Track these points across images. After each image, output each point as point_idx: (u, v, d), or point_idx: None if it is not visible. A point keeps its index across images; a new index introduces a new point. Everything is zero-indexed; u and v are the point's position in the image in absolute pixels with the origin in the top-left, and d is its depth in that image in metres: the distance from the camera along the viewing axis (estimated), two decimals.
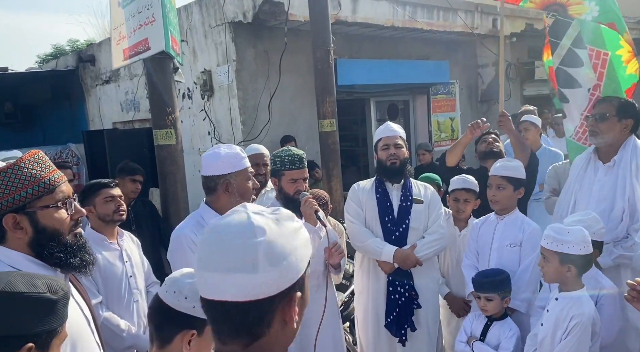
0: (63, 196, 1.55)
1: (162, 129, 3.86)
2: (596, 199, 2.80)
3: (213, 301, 0.92)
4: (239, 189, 2.31)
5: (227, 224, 0.93)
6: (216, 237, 0.93)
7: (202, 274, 0.93)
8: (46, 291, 1.18)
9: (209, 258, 0.92)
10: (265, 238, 0.91)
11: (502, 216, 2.95)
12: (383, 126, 3.20)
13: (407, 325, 2.93)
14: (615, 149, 2.81)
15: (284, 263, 0.91)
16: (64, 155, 9.00)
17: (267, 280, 0.89)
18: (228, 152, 2.33)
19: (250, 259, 0.89)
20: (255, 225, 0.92)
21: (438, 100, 8.16)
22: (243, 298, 0.89)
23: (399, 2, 6.52)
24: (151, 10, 3.59)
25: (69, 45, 18.52)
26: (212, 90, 6.29)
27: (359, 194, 3.13)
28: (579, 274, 2.32)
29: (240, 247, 0.90)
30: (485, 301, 2.69)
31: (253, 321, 0.91)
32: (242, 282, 0.89)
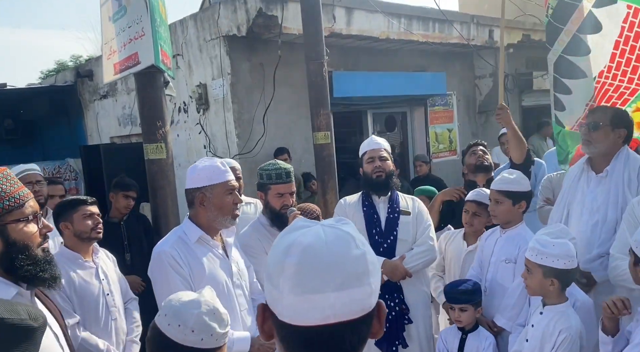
0: (32, 211, 1.58)
1: (152, 143, 3.83)
2: (589, 211, 2.75)
3: (319, 327, 0.82)
4: (216, 203, 2.24)
5: (323, 241, 0.85)
6: (321, 256, 0.83)
7: (308, 299, 0.82)
8: (27, 318, 1.15)
9: (314, 279, 0.82)
10: (367, 247, 0.88)
11: (505, 229, 2.88)
12: (368, 140, 3.18)
13: (399, 342, 2.86)
14: (608, 160, 2.75)
15: (378, 267, 0.89)
16: (63, 170, 9.01)
17: (375, 289, 0.86)
18: (206, 165, 2.29)
19: (361, 270, 0.84)
20: (353, 235, 0.87)
21: (436, 112, 8.14)
22: (360, 314, 0.83)
23: (393, 14, 6.53)
24: (140, 25, 3.58)
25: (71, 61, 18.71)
26: (207, 104, 6.29)
27: (346, 209, 3.09)
28: (562, 288, 2.28)
29: (350, 260, 0.84)
30: (459, 312, 2.69)
31: (365, 335, 0.86)
32: (359, 296, 0.83)
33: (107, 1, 3.95)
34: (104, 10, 4.03)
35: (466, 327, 2.72)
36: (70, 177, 9.00)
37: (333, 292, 0.82)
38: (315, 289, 0.82)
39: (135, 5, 3.60)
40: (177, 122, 6.94)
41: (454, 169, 7.80)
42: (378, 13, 6.34)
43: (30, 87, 9.92)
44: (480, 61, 8.23)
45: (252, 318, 2.34)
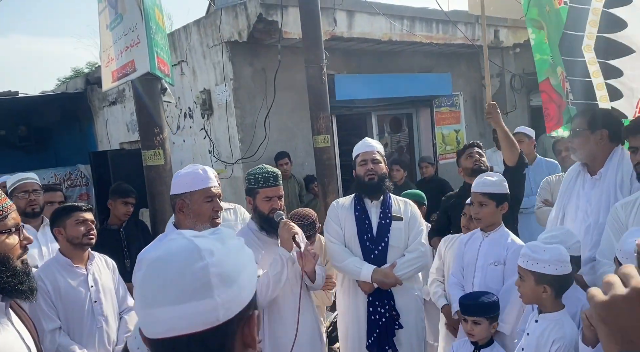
0: (14, 223, 1.60)
1: (150, 150, 3.88)
2: (583, 213, 2.70)
3: (165, 339, 0.84)
4: (195, 209, 2.24)
5: (168, 253, 0.87)
6: (159, 270, 0.85)
7: (150, 313, 0.84)
8: None
9: (154, 293, 0.84)
10: (214, 259, 0.85)
11: (487, 232, 2.85)
12: (361, 142, 3.15)
13: (389, 346, 2.84)
14: (601, 162, 2.69)
15: (238, 281, 0.86)
16: (74, 176, 9.15)
17: (224, 302, 0.84)
18: (187, 171, 2.30)
19: (201, 283, 0.83)
20: (201, 247, 0.86)
21: (442, 113, 8.08)
22: (201, 327, 0.82)
23: (395, 16, 6.51)
24: (136, 32, 3.63)
25: (87, 68, 19.03)
26: (211, 109, 6.34)
27: (338, 212, 3.07)
28: (556, 295, 2.21)
29: (189, 273, 0.83)
30: (472, 325, 2.54)
31: (214, 349, 0.85)
32: (198, 310, 0.82)
33: (104, 9, 4.02)
34: (101, 18, 4.09)
35: (479, 342, 2.58)
36: (81, 183, 9.14)
37: (170, 305, 0.82)
38: (154, 303, 0.83)
39: (131, 13, 3.65)
40: (182, 128, 7.01)
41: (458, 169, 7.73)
42: (380, 15, 6.33)
43: (42, 94, 10.09)
44: None
45: None
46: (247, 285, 0.88)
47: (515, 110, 8.34)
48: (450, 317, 3.11)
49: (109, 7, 3.90)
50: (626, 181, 2.61)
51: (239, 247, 0.92)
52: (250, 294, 0.89)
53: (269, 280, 2.52)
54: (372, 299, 2.91)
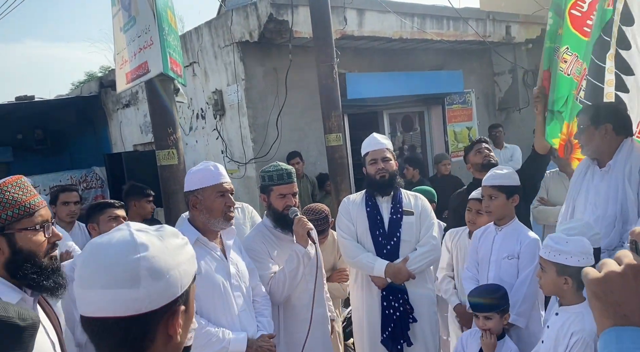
0: (42, 220, 1.60)
1: (164, 150, 3.93)
2: (592, 205, 2.69)
3: (93, 318, 0.92)
4: (207, 205, 2.27)
5: (108, 242, 0.95)
6: (97, 255, 0.94)
7: (82, 293, 0.94)
8: (15, 317, 1.20)
9: (89, 276, 0.93)
10: (147, 253, 0.93)
11: (500, 226, 2.85)
12: (369, 139, 3.14)
13: (403, 340, 2.85)
14: (609, 155, 2.69)
15: (166, 277, 0.93)
16: (89, 178, 9.28)
17: (149, 294, 0.91)
18: (199, 168, 2.33)
19: (132, 274, 0.90)
20: (138, 241, 0.94)
21: (454, 110, 8.06)
22: (124, 313, 0.90)
23: (406, 14, 6.50)
24: (149, 34, 3.68)
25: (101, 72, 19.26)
26: (223, 110, 6.38)
27: (350, 208, 3.09)
28: (578, 287, 2.19)
29: (122, 263, 0.91)
30: (484, 320, 2.55)
31: (136, 336, 0.93)
32: (124, 297, 0.90)
33: (118, 12, 4.07)
34: (115, 21, 4.15)
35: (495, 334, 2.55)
36: (96, 185, 9.26)
37: (100, 289, 0.90)
38: (87, 284, 0.92)
39: (144, 15, 3.70)
40: (195, 129, 7.07)
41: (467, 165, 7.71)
42: (390, 13, 6.32)
43: (58, 98, 10.24)
44: (498, 58, 8.12)
45: (251, 319, 2.37)
46: (175, 282, 0.95)
47: (528, 106, 8.28)
48: (464, 316, 3.13)
49: (122, 10, 3.96)
50: (635, 172, 2.60)
51: (177, 246, 0.99)
52: (178, 290, 0.95)
53: (285, 277, 2.54)
54: (385, 294, 2.93)
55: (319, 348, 2.66)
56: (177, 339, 0.97)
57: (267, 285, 2.57)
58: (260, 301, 2.51)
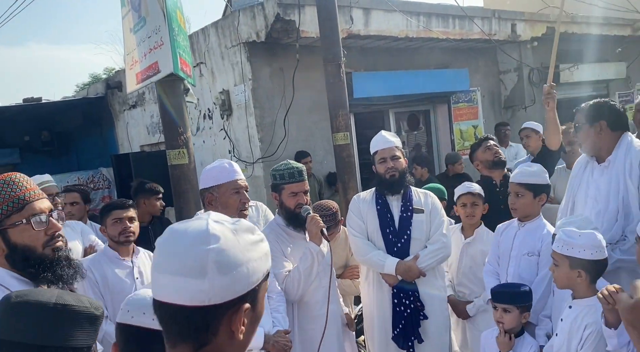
0: (32, 213, 1.60)
1: (174, 149, 3.96)
2: (592, 200, 2.75)
3: (162, 302, 0.93)
4: (222, 201, 2.28)
5: (185, 229, 0.95)
6: (172, 241, 0.95)
7: (155, 276, 0.95)
8: (91, 307, 1.25)
9: (162, 260, 0.94)
10: (217, 246, 0.92)
11: (523, 222, 2.85)
12: (377, 137, 3.14)
13: (414, 337, 2.87)
14: (608, 150, 2.75)
15: (233, 273, 0.92)
16: (96, 179, 9.33)
17: (214, 287, 0.90)
18: (214, 166, 2.35)
19: (199, 264, 0.90)
20: (211, 232, 0.93)
21: (460, 109, 8.06)
22: (189, 302, 0.91)
23: (412, 12, 6.51)
24: (159, 34, 3.70)
25: (105, 74, 19.33)
26: (230, 110, 6.41)
27: (360, 206, 3.10)
28: (591, 280, 2.21)
29: (192, 252, 0.91)
30: (502, 313, 2.52)
31: (198, 326, 0.92)
32: (189, 286, 0.90)
33: (127, 13, 4.10)
34: (125, 22, 4.18)
35: (513, 332, 2.54)
36: (103, 185, 9.31)
37: (169, 274, 0.92)
38: (159, 268, 0.94)
39: (154, 16, 3.73)
40: (202, 129, 7.10)
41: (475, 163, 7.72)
42: (396, 12, 6.34)
43: (64, 100, 10.30)
44: (504, 56, 8.12)
45: (267, 315, 2.39)
46: (243, 278, 0.93)
47: (534, 104, 8.28)
48: (457, 307, 3.19)
49: (132, 11, 3.99)
50: (635, 166, 2.65)
51: (250, 242, 0.97)
52: (245, 287, 0.94)
53: (300, 274, 2.56)
54: (396, 291, 2.94)
55: (334, 345, 2.68)
56: (239, 337, 0.95)
57: (282, 283, 2.59)
58: (275, 298, 2.53)
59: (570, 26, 8.55)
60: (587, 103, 2.89)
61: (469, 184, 3.31)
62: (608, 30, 9.08)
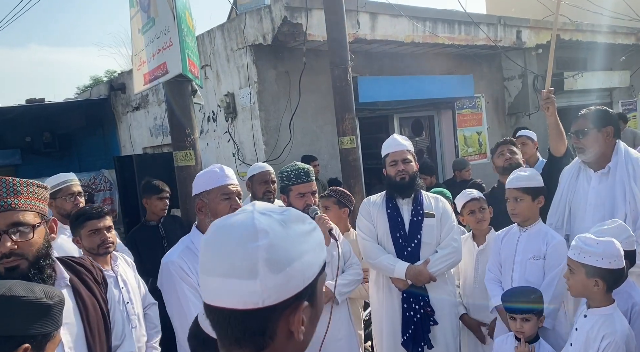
0: None
1: (181, 151, 3.93)
2: (593, 207, 2.77)
3: (214, 307, 0.86)
4: (212, 208, 2.16)
5: (231, 225, 0.87)
6: (217, 240, 0.87)
7: (203, 278, 0.88)
8: (42, 296, 1.27)
9: (209, 261, 0.87)
10: (267, 242, 0.83)
11: (524, 227, 2.83)
12: (390, 140, 3.11)
13: (424, 343, 2.83)
14: (607, 157, 2.78)
15: (287, 270, 0.84)
16: (98, 180, 9.30)
17: (267, 287, 0.82)
18: (205, 171, 2.24)
19: (249, 264, 0.82)
20: (258, 227, 0.85)
21: (464, 115, 8.06)
22: (242, 306, 0.83)
23: (418, 18, 6.51)
24: (168, 35, 3.68)
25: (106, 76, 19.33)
26: (235, 112, 6.39)
27: (370, 209, 3.07)
28: (608, 290, 2.16)
29: (240, 251, 0.83)
30: (521, 322, 2.49)
31: (255, 330, 0.85)
32: (240, 288, 0.83)
33: (136, 14, 4.09)
34: (133, 22, 4.17)
35: (527, 338, 2.51)
36: (105, 187, 9.28)
37: (218, 277, 0.85)
38: (207, 270, 0.87)
39: (163, 16, 3.71)
40: (206, 131, 7.08)
41: (484, 172, 7.69)
42: (402, 17, 6.34)
43: (67, 101, 10.30)
44: (508, 63, 8.13)
45: None
46: (297, 274, 0.85)
47: (537, 111, 8.27)
48: (471, 325, 3.15)
49: (141, 12, 3.98)
50: (637, 171, 2.70)
51: (302, 233, 0.88)
52: (301, 283, 0.86)
53: None
54: (406, 296, 2.91)
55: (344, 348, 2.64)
56: (299, 337, 0.87)
57: None
58: None
59: (575, 34, 8.56)
60: (591, 109, 2.90)
61: (468, 191, 3.30)
62: (613, 38, 9.10)
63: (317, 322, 0.93)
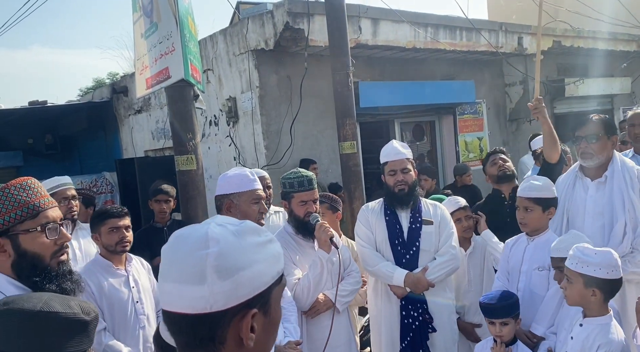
0: (46, 221, 1.57)
1: (183, 155, 3.95)
2: (591, 216, 2.79)
3: (168, 312, 0.90)
4: (242, 210, 2.27)
5: (188, 234, 0.91)
6: (173, 247, 0.91)
7: (160, 284, 0.92)
8: (80, 312, 1.22)
9: (164, 268, 0.91)
10: (217, 249, 0.87)
11: (532, 237, 2.82)
12: (389, 147, 3.07)
13: (423, 350, 2.83)
14: (604, 166, 2.81)
15: (235, 277, 0.87)
16: (99, 183, 9.31)
17: (214, 293, 0.86)
18: (236, 173, 2.33)
19: (198, 270, 0.86)
20: (210, 236, 0.88)
21: (465, 120, 8.07)
22: (191, 310, 0.87)
23: (420, 24, 6.54)
24: (171, 40, 3.71)
25: (109, 78, 19.38)
26: (237, 117, 6.42)
27: (369, 216, 3.07)
28: (604, 299, 2.18)
29: (191, 258, 0.87)
30: (500, 327, 2.52)
31: (204, 335, 0.88)
32: (190, 293, 0.86)
33: (139, 19, 4.12)
34: (136, 27, 4.20)
35: (506, 341, 2.54)
36: (106, 190, 9.29)
37: (172, 282, 0.89)
38: (163, 276, 0.91)
39: (166, 21, 3.74)
40: (208, 135, 7.10)
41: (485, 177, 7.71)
42: (404, 23, 6.36)
43: (69, 103, 10.32)
44: (509, 69, 8.14)
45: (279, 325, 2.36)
46: (246, 282, 0.88)
47: None
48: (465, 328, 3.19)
49: (144, 17, 4.01)
50: (635, 180, 2.75)
51: (254, 244, 0.91)
52: (250, 291, 0.89)
53: (309, 282, 2.54)
54: (404, 303, 2.90)
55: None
56: (248, 343, 0.89)
57: (292, 291, 2.57)
58: (286, 307, 2.50)
59: (576, 41, 8.58)
60: (599, 116, 2.92)
61: (454, 199, 3.34)
62: (614, 45, 9.12)
63: (275, 332, 0.96)
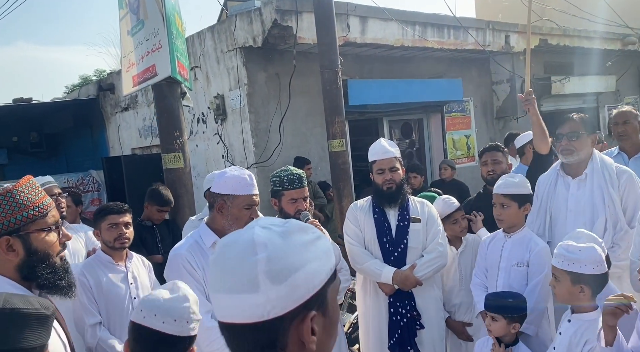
0: (54, 220, 1.61)
1: (170, 153, 3.93)
2: (573, 214, 2.83)
3: (225, 323, 0.88)
4: (234, 213, 2.24)
5: (233, 242, 0.89)
6: (221, 257, 0.89)
7: (213, 296, 0.90)
8: (40, 307, 1.25)
9: (215, 279, 0.89)
10: (265, 254, 0.85)
11: (509, 233, 2.85)
12: (377, 146, 3.06)
13: (410, 347, 2.85)
14: (584, 164, 2.86)
15: (289, 280, 0.85)
16: (86, 181, 9.22)
17: (270, 299, 0.83)
18: (235, 174, 2.28)
19: (249, 277, 0.84)
20: (256, 241, 0.87)
21: (453, 118, 8.11)
22: (249, 320, 0.85)
23: (408, 22, 6.55)
24: (157, 38, 3.68)
25: (95, 76, 19.14)
26: (225, 114, 6.38)
27: (357, 214, 3.08)
28: (593, 295, 2.21)
29: (240, 266, 0.85)
30: (490, 320, 2.56)
31: (265, 343, 0.85)
32: (245, 302, 0.84)
33: (125, 15, 4.08)
34: (122, 24, 4.15)
35: (503, 340, 2.54)
36: (93, 188, 9.20)
37: (225, 293, 0.87)
38: (215, 288, 0.89)
39: (152, 18, 3.71)
40: (195, 133, 7.06)
41: (473, 175, 7.75)
42: (392, 21, 6.37)
43: (55, 101, 10.19)
44: (497, 67, 8.20)
45: None
46: (302, 283, 0.86)
47: (525, 115, 8.34)
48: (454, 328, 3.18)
49: (130, 14, 3.97)
50: (614, 177, 2.80)
51: (303, 243, 0.89)
52: (306, 292, 0.86)
53: None
54: (393, 300, 2.92)
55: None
56: (310, 347, 0.87)
57: None
58: None
59: (563, 39, 8.66)
60: (579, 114, 2.97)
61: (449, 199, 3.32)
62: (599, 44, 9.22)
63: (335, 331, 0.94)
